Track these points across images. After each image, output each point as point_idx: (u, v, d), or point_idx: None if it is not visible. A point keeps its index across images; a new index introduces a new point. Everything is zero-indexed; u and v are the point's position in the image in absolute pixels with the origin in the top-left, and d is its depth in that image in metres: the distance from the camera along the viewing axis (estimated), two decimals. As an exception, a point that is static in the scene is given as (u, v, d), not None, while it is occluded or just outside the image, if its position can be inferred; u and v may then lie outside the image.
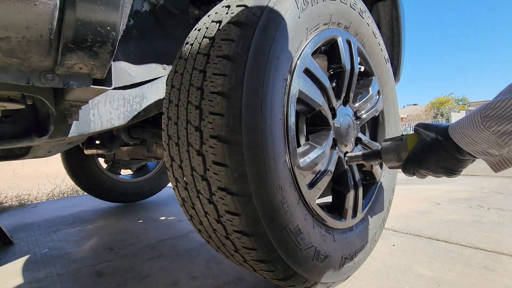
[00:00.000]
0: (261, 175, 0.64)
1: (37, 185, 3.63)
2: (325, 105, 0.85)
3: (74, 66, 0.58)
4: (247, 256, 0.70)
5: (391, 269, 1.06)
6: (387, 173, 1.23)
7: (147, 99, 1.05)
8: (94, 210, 2.39)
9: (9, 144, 0.85)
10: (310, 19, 0.79)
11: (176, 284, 1.02)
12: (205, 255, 1.26)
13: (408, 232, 1.46)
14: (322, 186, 0.84)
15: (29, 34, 0.49)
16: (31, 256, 1.38)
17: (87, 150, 1.79)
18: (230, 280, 1.02)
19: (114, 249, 1.42)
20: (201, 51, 0.68)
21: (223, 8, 0.72)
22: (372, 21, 1.12)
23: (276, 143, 0.67)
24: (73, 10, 0.49)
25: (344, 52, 0.93)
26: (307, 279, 0.77)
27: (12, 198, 2.92)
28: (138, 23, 1.01)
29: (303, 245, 0.74)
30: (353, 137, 1.01)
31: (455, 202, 2.07)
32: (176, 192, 0.77)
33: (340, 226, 0.90)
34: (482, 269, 1.03)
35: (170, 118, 0.73)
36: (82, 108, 0.88)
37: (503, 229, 1.44)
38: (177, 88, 0.71)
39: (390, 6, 1.44)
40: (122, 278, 1.09)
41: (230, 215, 0.64)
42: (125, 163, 2.46)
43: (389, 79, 1.25)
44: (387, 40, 1.52)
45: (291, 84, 0.73)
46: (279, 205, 0.67)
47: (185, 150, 0.68)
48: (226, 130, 0.61)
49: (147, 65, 1.03)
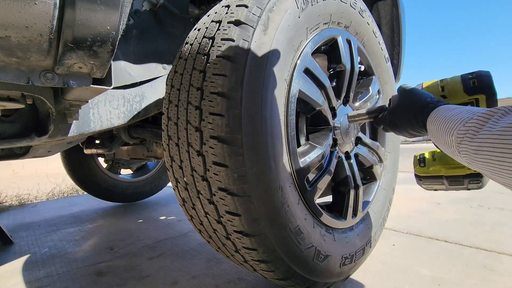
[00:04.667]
0: (261, 175, 0.64)
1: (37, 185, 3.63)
2: (325, 105, 0.85)
3: (74, 65, 0.58)
4: (247, 256, 0.70)
5: (391, 269, 1.06)
6: (387, 172, 1.23)
7: (147, 99, 1.05)
8: (94, 209, 2.39)
9: (9, 143, 0.85)
10: (310, 19, 0.79)
11: (176, 283, 1.02)
12: (205, 255, 1.26)
13: (408, 231, 1.46)
14: (322, 186, 0.84)
15: (29, 33, 0.49)
16: (31, 255, 1.38)
17: (87, 150, 1.79)
18: (230, 280, 1.02)
19: (114, 248, 1.42)
20: (201, 51, 0.68)
21: (223, 8, 0.72)
22: (372, 20, 1.11)
23: (276, 143, 0.67)
24: (73, 9, 0.49)
25: (344, 52, 0.93)
26: (307, 279, 0.77)
27: (12, 198, 2.92)
28: (138, 23, 1.01)
29: (304, 245, 0.74)
30: (353, 136, 1.01)
31: (456, 202, 2.07)
32: (176, 192, 0.77)
33: (341, 226, 0.90)
34: (482, 269, 1.03)
35: (170, 118, 0.73)
36: (82, 107, 0.88)
37: (503, 229, 1.43)
38: (177, 88, 0.71)
39: (390, 5, 1.43)
40: (122, 278, 1.09)
41: (230, 215, 0.64)
42: (125, 162, 2.46)
43: (389, 78, 1.25)
44: (387, 39, 1.52)
45: (291, 84, 0.73)
46: (279, 205, 0.67)
47: (185, 150, 0.68)
48: (226, 131, 0.61)
49: (147, 65, 1.03)
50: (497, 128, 0.38)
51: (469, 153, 0.43)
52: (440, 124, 0.52)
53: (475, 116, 0.43)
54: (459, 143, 0.45)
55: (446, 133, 0.49)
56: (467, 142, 0.43)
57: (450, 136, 0.48)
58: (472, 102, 0.61)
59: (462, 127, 0.45)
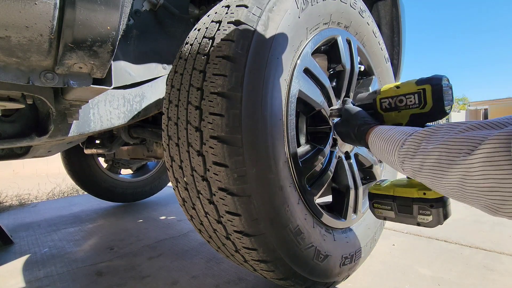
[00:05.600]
0: (261, 175, 0.64)
1: (37, 185, 3.63)
2: (325, 105, 0.85)
3: (74, 65, 0.58)
4: (247, 256, 0.70)
5: (391, 269, 1.06)
6: (387, 172, 1.23)
7: (147, 99, 1.05)
8: (94, 209, 2.39)
9: (9, 143, 0.85)
10: (310, 19, 0.79)
11: (176, 283, 1.02)
12: (205, 255, 1.26)
13: (408, 231, 1.46)
14: (322, 186, 0.84)
15: (29, 33, 0.49)
16: (31, 255, 1.38)
17: (87, 150, 1.79)
18: (230, 280, 1.02)
19: (114, 248, 1.42)
20: (201, 51, 0.68)
21: (223, 8, 0.72)
22: (372, 20, 1.12)
23: (276, 143, 0.67)
24: (73, 10, 0.49)
25: (344, 52, 0.93)
26: (307, 278, 0.77)
27: (12, 198, 2.92)
28: (138, 23, 1.01)
29: (303, 245, 0.74)
30: (353, 136, 1.01)
31: (455, 202, 2.07)
32: (177, 192, 0.77)
33: (341, 226, 0.90)
34: (482, 268, 1.03)
35: (170, 119, 0.73)
36: (82, 107, 0.88)
37: (503, 229, 1.44)
38: (177, 88, 0.71)
39: (390, 5, 1.43)
40: (122, 278, 1.09)
41: (230, 215, 0.64)
42: (125, 162, 2.46)
43: (389, 78, 1.25)
44: (387, 39, 1.52)
45: (291, 84, 0.73)
46: (279, 205, 0.67)
47: (185, 150, 0.68)
48: (226, 131, 0.61)
49: (147, 65, 1.03)
50: (431, 147, 0.47)
51: (413, 170, 0.51)
52: (380, 145, 0.62)
53: (410, 137, 0.53)
54: (401, 162, 0.54)
55: (388, 154, 0.58)
56: (408, 161, 0.52)
57: (392, 157, 0.57)
58: (419, 91, 0.68)
59: (401, 148, 0.54)
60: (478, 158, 0.38)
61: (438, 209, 0.65)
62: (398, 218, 0.72)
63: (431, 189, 0.51)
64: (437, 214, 0.65)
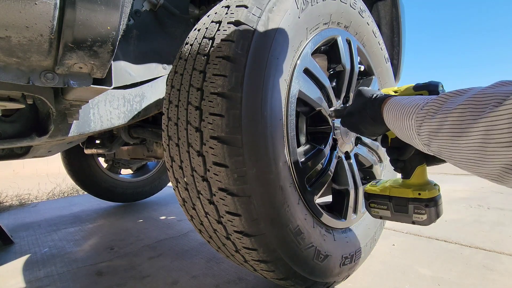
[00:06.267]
0: (261, 175, 0.64)
1: (38, 185, 3.63)
2: (325, 105, 0.85)
3: (74, 65, 0.58)
4: (247, 256, 0.70)
5: (391, 268, 1.06)
6: (387, 172, 1.23)
7: (147, 99, 1.05)
8: (94, 209, 2.39)
9: (10, 143, 0.85)
10: (310, 19, 0.79)
11: (176, 283, 1.02)
12: (205, 255, 1.26)
13: (408, 231, 1.46)
14: (322, 186, 0.84)
15: (29, 33, 0.49)
16: (31, 255, 1.38)
17: (87, 150, 1.79)
18: (230, 280, 1.02)
19: (114, 248, 1.42)
20: (201, 52, 0.68)
21: (223, 8, 0.72)
22: (372, 20, 1.12)
23: (276, 144, 0.67)
24: (73, 10, 0.49)
25: (344, 52, 0.93)
26: (307, 278, 0.77)
27: (12, 198, 2.92)
28: (138, 23, 1.01)
29: (304, 245, 0.74)
30: (353, 136, 1.01)
31: (455, 202, 2.07)
32: (177, 192, 0.77)
33: (341, 226, 0.91)
34: (482, 268, 1.03)
35: (170, 119, 0.73)
36: (82, 107, 0.88)
37: (503, 229, 1.44)
38: (177, 89, 0.71)
39: (390, 5, 1.44)
40: (122, 278, 1.09)
41: (230, 215, 0.64)
42: (125, 162, 2.46)
43: (389, 78, 1.25)
44: (387, 39, 1.52)
45: (291, 84, 0.73)
46: (280, 205, 0.67)
47: (185, 150, 0.68)
48: (226, 131, 0.61)
49: (147, 65, 1.03)
50: (455, 105, 0.42)
51: (430, 132, 0.46)
52: (397, 111, 0.56)
53: (431, 100, 0.47)
54: (419, 125, 0.48)
55: (405, 117, 0.52)
56: (427, 121, 0.46)
57: (410, 120, 0.51)
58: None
59: (420, 110, 0.48)
60: (506, 110, 0.34)
61: (431, 208, 0.67)
62: (394, 217, 0.74)
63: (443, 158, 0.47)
64: (430, 213, 0.68)
